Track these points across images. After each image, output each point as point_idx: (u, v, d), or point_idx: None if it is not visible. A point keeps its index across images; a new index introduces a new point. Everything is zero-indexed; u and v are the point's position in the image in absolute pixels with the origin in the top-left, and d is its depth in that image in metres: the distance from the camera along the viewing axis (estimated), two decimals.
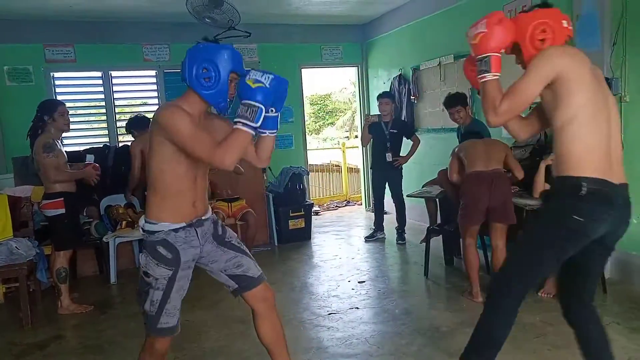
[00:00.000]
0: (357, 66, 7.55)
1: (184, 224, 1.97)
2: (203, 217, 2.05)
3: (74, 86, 6.27)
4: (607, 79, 3.61)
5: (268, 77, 1.83)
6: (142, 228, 1.99)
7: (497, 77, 1.91)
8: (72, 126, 5.63)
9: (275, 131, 2.07)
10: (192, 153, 1.85)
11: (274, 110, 2.00)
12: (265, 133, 2.06)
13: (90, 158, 5.06)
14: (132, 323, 3.65)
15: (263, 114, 1.82)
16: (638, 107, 3.63)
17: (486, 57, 1.90)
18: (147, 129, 4.63)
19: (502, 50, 1.94)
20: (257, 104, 1.80)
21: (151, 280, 1.96)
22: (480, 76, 1.93)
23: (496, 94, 1.88)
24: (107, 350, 3.24)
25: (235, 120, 1.84)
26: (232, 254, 2.13)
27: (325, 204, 8.53)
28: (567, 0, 4.00)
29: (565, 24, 1.88)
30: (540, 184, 3.66)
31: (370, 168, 5.84)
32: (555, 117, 1.82)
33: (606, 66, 3.72)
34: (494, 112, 1.87)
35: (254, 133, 1.85)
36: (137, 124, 4.72)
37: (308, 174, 6.97)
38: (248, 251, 2.18)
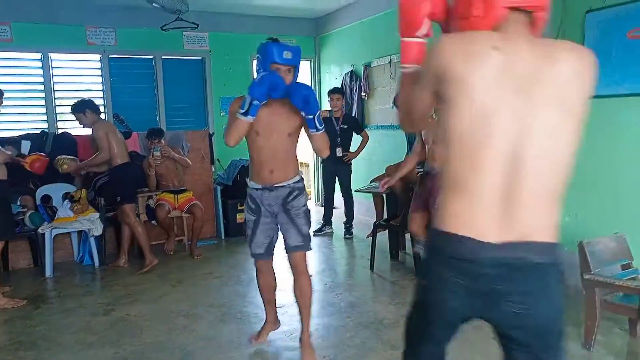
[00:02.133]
0: (310, 60, 7.54)
1: (260, 186, 2.63)
2: (276, 184, 2.60)
3: (9, 67, 5.89)
4: None
5: (260, 74, 2.38)
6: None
7: (408, 68, 1.40)
8: (6, 110, 5.37)
9: (314, 131, 2.52)
10: None
11: (306, 114, 2.48)
12: (313, 132, 2.54)
13: (26, 144, 4.82)
14: (69, 318, 3.51)
15: (247, 102, 2.38)
16: None
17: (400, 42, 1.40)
18: (99, 113, 4.47)
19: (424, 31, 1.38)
20: (246, 95, 2.39)
21: (247, 222, 2.76)
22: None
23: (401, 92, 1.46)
24: (41, 346, 3.09)
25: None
26: (285, 218, 2.65)
27: None
28: None
29: None
30: None
31: (321, 163, 5.86)
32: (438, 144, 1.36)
33: None
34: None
35: (243, 118, 2.43)
36: (93, 105, 4.49)
37: None
38: (299, 222, 2.65)
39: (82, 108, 4.39)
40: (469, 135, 1.20)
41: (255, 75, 2.45)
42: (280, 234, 2.76)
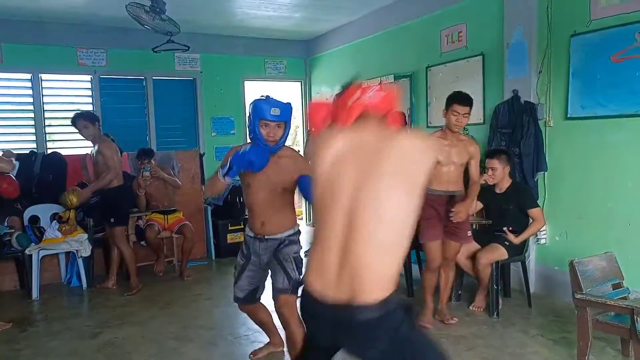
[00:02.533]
0: (301, 81, 7.60)
1: (253, 234, 2.67)
2: (267, 236, 2.63)
3: None
4: (532, 105, 3.92)
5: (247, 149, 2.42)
6: None
7: None
8: None
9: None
10: None
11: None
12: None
13: (14, 164, 4.77)
14: (55, 341, 3.43)
15: (228, 165, 2.41)
16: (561, 131, 3.89)
17: None
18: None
19: None
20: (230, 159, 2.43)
21: (237, 263, 2.75)
22: None
23: None
24: None
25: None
26: (274, 263, 2.64)
27: None
28: (499, 28, 4.25)
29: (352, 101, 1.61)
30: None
31: None
32: None
33: (533, 92, 3.97)
34: None
35: (221, 178, 2.44)
36: (98, 119, 4.49)
37: None
38: (288, 266, 2.62)
39: (95, 119, 4.36)
40: (319, 201, 1.51)
41: (248, 110, 2.63)
42: (267, 283, 2.78)
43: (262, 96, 2.57)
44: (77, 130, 4.39)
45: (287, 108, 2.53)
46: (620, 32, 3.44)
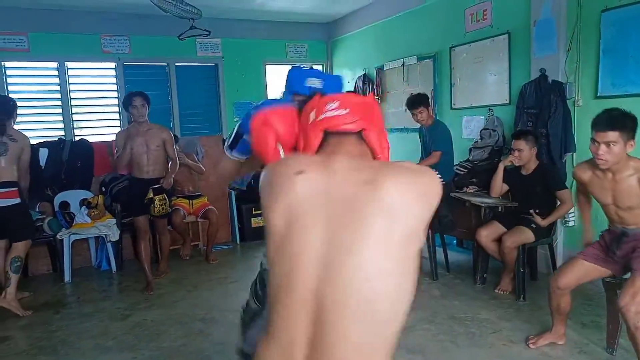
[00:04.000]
0: (322, 64, 7.55)
1: None
2: None
3: (27, 76, 5.99)
4: (560, 84, 3.81)
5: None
6: None
7: None
8: (24, 119, 5.47)
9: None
10: None
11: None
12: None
13: (44, 152, 4.90)
14: (87, 323, 3.54)
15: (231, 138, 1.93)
16: (591, 110, 3.76)
17: None
18: None
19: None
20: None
21: (248, 307, 2.13)
22: None
23: None
24: (60, 351, 3.12)
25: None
26: None
27: None
28: (526, 5, 4.13)
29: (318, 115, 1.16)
30: (499, 184, 3.77)
31: None
32: None
33: (561, 71, 3.85)
34: None
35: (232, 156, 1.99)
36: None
37: None
38: None
39: (150, 103, 4.50)
40: (273, 272, 1.04)
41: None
42: None
43: (302, 66, 2.06)
44: (133, 105, 4.39)
45: (332, 80, 1.86)
46: None
